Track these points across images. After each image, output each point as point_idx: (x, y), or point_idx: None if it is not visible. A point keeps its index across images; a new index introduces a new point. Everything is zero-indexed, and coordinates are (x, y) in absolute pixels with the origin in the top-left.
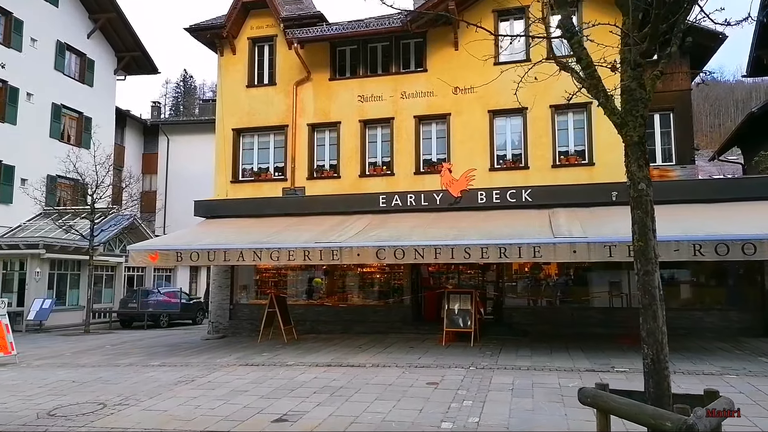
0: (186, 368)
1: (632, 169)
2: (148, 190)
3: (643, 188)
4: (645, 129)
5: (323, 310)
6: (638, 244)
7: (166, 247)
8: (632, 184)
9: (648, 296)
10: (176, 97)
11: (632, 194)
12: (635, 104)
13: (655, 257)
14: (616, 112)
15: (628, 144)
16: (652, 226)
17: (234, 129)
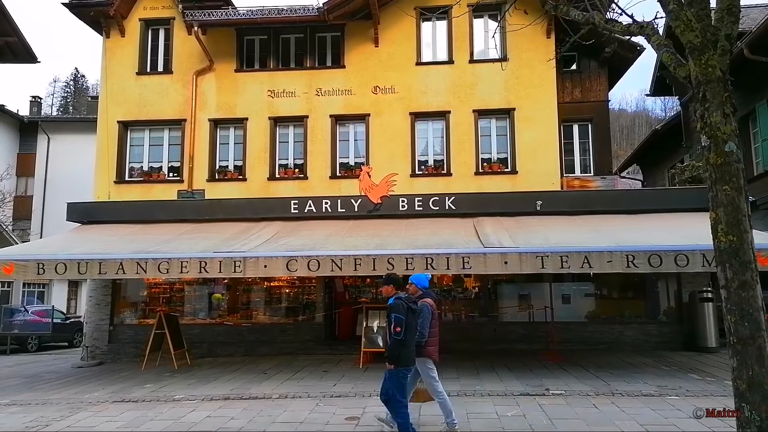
0: (42, 408)
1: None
2: (23, 194)
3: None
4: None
5: (223, 330)
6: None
7: (25, 257)
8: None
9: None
10: (65, 97)
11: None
12: (720, 17)
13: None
14: (694, 27)
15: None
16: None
17: (120, 121)
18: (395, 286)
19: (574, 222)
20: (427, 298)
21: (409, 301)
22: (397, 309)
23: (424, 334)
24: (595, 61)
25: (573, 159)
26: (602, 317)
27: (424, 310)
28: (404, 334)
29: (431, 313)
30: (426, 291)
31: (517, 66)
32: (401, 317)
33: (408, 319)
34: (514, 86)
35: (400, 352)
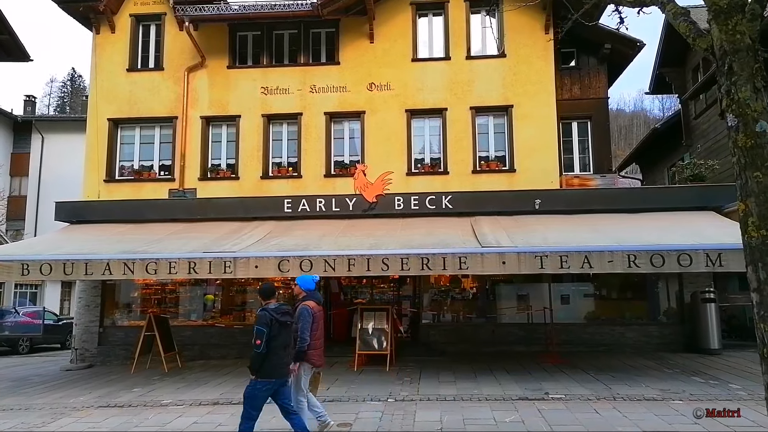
0: (24, 414)
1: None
2: (16, 194)
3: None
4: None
5: (215, 331)
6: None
7: (8, 258)
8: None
9: None
10: (62, 97)
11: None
12: None
13: None
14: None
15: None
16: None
17: (110, 119)
18: (265, 296)
19: (574, 221)
20: (310, 300)
21: (278, 312)
22: (259, 321)
23: (305, 339)
24: (594, 58)
25: (572, 157)
26: (602, 318)
27: (303, 313)
28: (265, 347)
29: (311, 316)
30: (311, 293)
31: (515, 62)
32: (262, 330)
33: (273, 332)
34: (512, 83)
35: (260, 364)
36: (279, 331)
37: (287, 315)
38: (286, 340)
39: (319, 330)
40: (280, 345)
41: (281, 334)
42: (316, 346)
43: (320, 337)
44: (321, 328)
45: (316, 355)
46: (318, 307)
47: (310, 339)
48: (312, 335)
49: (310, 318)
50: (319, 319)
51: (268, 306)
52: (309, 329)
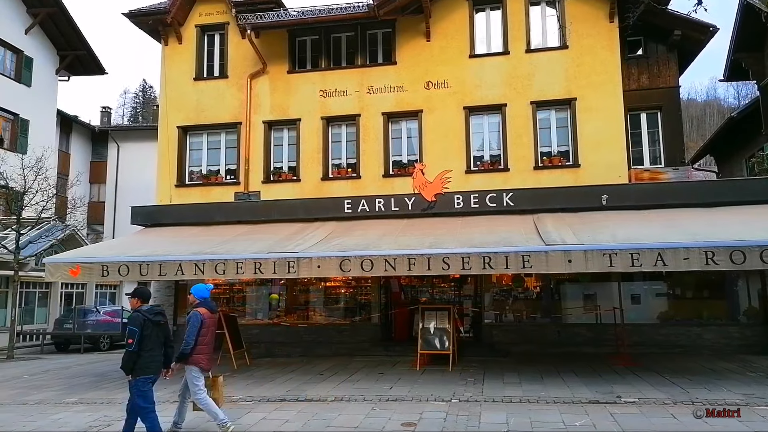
0: (106, 408)
1: None
2: (96, 200)
3: None
4: None
5: (281, 330)
6: None
7: (90, 259)
8: None
9: None
10: (135, 108)
11: None
12: None
13: None
14: None
15: None
16: None
17: (180, 127)
18: (140, 299)
19: (645, 217)
20: (201, 307)
21: (151, 313)
22: (132, 321)
23: (189, 342)
24: (663, 46)
25: (641, 150)
26: (677, 318)
27: (191, 318)
28: (137, 346)
29: (200, 322)
30: (203, 301)
31: (578, 53)
32: (135, 329)
33: (146, 331)
34: (575, 75)
35: (133, 362)
36: (152, 330)
37: (160, 315)
38: (160, 338)
39: (208, 336)
40: (154, 343)
41: (154, 333)
42: (203, 351)
43: (209, 342)
44: (211, 333)
45: (204, 359)
46: (209, 314)
47: (198, 344)
48: (200, 340)
49: (198, 324)
50: (209, 326)
51: (141, 308)
52: (195, 334)
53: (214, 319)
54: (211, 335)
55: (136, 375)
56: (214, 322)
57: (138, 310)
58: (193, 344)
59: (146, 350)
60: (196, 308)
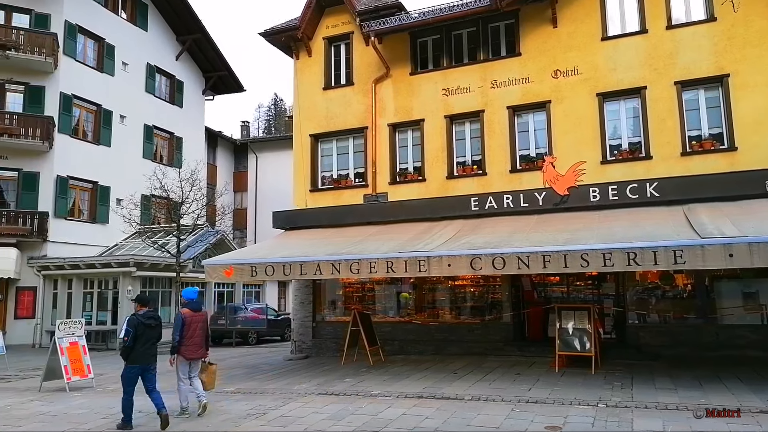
0: (260, 397)
1: None
2: (239, 207)
3: None
4: None
5: (412, 328)
6: None
7: (241, 261)
8: None
9: None
10: (268, 120)
11: None
12: None
13: None
14: None
15: None
16: None
17: (312, 135)
18: (140, 304)
19: None
20: (186, 308)
21: (145, 317)
22: (128, 323)
23: (175, 338)
24: None
25: None
26: None
27: (176, 319)
28: (132, 342)
29: (182, 321)
30: (190, 302)
31: (728, 25)
32: (130, 330)
33: (139, 331)
34: (726, 48)
35: (128, 354)
36: (144, 331)
37: (152, 319)
38: (151, 338)
39: (191, 330)
40: (146, 341)
41: (146, 333)
42: (188, 344)
43: (193, 335)
44: (196, 329)
45: (189, 350)
46: (191, 313)
47: (183, 338)
48: (184, 335)
49: (180, 323)
50: (192, 323)
51: (138, 312)
52: (178, 331)
53: (198, 316)
54: (196, 330)
55: (129, 363)
56: (198, 319)
57: (135, 314)
58: (179, 339)
59: (139, 345)
60: (182, 309)
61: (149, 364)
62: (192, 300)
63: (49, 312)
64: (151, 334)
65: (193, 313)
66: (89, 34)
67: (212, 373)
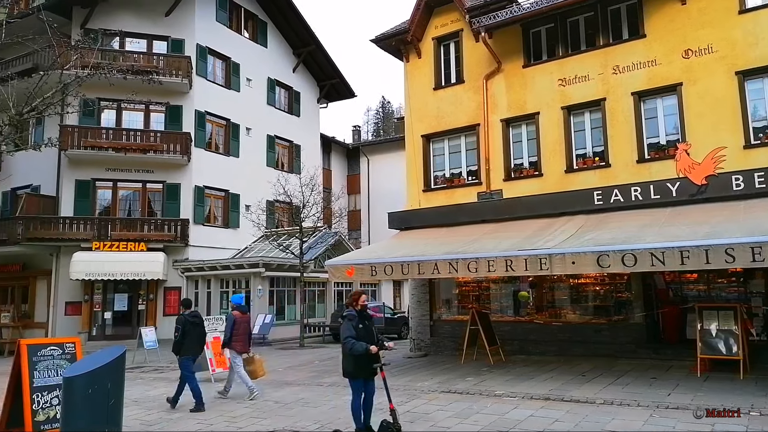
0: (381, 392)
1: None
2: (353, 209)
3: None
4: None
5: (533, 327)
6: None
7: (361, 261)
8: None
9: None
10: (377, 123)
11: None
12: None
13: None
14: None
15: None
16: None
17: (423, 135)
18: (184, 306)
19: None
20: (235, 311)
21: (190, 316)
22: (177, 321)
23: (227, 335)
24: None
25: None
26: None
27: (227, 319)
28: (181, 337)
29: (233, 321)
30: (238, 306)
31: None
32: (178, 326)
33: (187, 328)
34: None
35: (179, 348)
36: (190, 327)
37: (196, 318)
38: (196, 333)
39: (240, 329)
40: (194, 336)
41: (193, 330)
42: (238, 339)
43: (242, 332)
44: (243, 327)
45: (239, 345)
46: (240, 315)
47: (233, 335)
48: (234, 333)
49: (231, 322)
50: (240, 323)
51: (185, 312)
52: (230, 329)
53: (245, 317)
54: (243, 328)
55: (181, 355)
56: (245, 319)
57: (182, 314)
58: (230, 335)
59: (188, 339)
60: (233, 311)
61: (197, 354)
62: (239, 304)
63: (195, 308)
64: (196, 330)
65: (241, 314)
66: (217, 55)
67: (260, 363)
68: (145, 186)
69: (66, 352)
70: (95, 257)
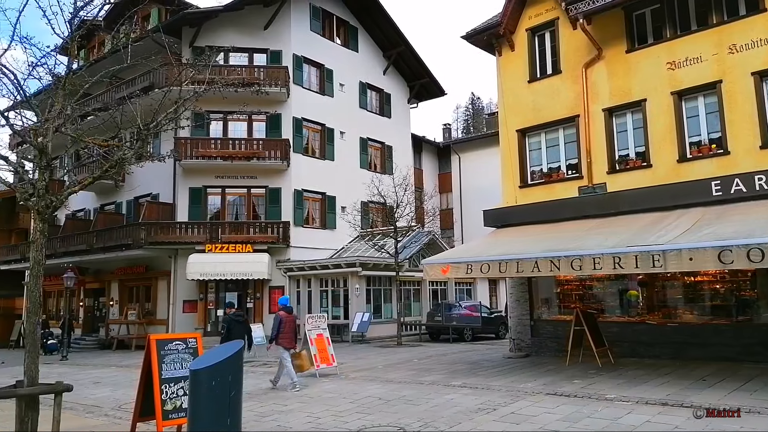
0: (487, 393)
1: None
2: (445, 208)
3: None
4: None
5: (644, 328)
6: None
7: (457, 260)
8: None
9: None
10: (466, 120)
11: None
12: None
13: None
14: None
15: None
16: None
17: (518, 130)
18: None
19: None
20: (282, 311)
21: (235, 316)
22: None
23: (274, 332)
24: None
25: None
26: None
27: (275, 318)
28: (227, 334)
29: (280, 320)
30: (284, 307)
31: None
32: (224, 324)
33: (231, 326)
34: None
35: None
36: (235, 325)
37: (240, 316)
38: (242, 332)
39: (286, 327)
40: (237, 332)
41: (236, 327)
42: (285, 337)
43: (289, 330)
44: (289, 326)
45: (285, 341)
46: (286, 315)
47: (279, 333)
48: (281, 330)
49: (278, 322)
50: (286, 322)
51: (230, 312)
52: (277, 327)
53: (290, 317)
54: (289, 326)
55: None
56: (290, 319)
57: (228, 315)
58: (277, 333)
59: (233, 336)
60: (279, 312)
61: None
62: (285, 305)
63: (294, 308)
64: (240, 327)
65: (286, 314)
66: (312, 63)
67: (304, 358)
68: (249, 191)
69: (189, 346)
70: (208, 259)
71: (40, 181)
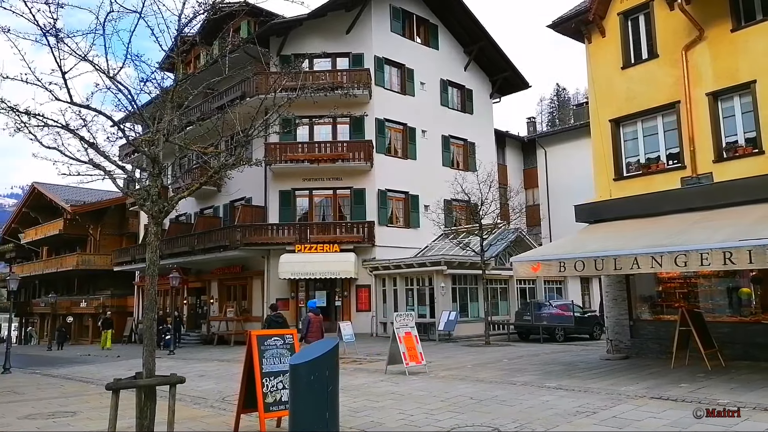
0: (585, 395)
1: None
2: (531, 204)
3: None
4: None
5: (760, 329)
6: None
7: (548, 257)
8: None
9: None
10: (551, 112)
11: None
12: None
13: None
14: None
15: None
16: None
17: (611, 120)
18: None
19: None
20: (311, 313)
21: (274, 317)
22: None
23: (303, 332)
24: None
25: None
26: None
27: (304, 320)
28: None
29: (308, 321)
30: (312, 309)
31: None
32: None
33: (272, 326)
34: None
35: None
36: (275, 326)
37: (279, 317)
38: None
39: (314, 327)
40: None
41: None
42: (313, 335)
43: (316, 330)
44: (317, 326)
45: (314, 339)
46: (314, 316)
47: (308, 333)
48: (309, 329)
49: (307, 322)
50: (314, 322)
51: (271, 314)
52: (306, 328)
53: (318, 318)
54: (317, 327)
55: None
56: (318, 320)
57: (269, 316)
58: (306, 332)
59: None
60: (308, 314)
61: None
62: (313, 308)
63: (380, 306)
64: (279, 327)
65: (314, 316)
66: (393, 63)
67: None
68: (335, 192)
69: (286, 342)
70: (298, 259)
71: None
